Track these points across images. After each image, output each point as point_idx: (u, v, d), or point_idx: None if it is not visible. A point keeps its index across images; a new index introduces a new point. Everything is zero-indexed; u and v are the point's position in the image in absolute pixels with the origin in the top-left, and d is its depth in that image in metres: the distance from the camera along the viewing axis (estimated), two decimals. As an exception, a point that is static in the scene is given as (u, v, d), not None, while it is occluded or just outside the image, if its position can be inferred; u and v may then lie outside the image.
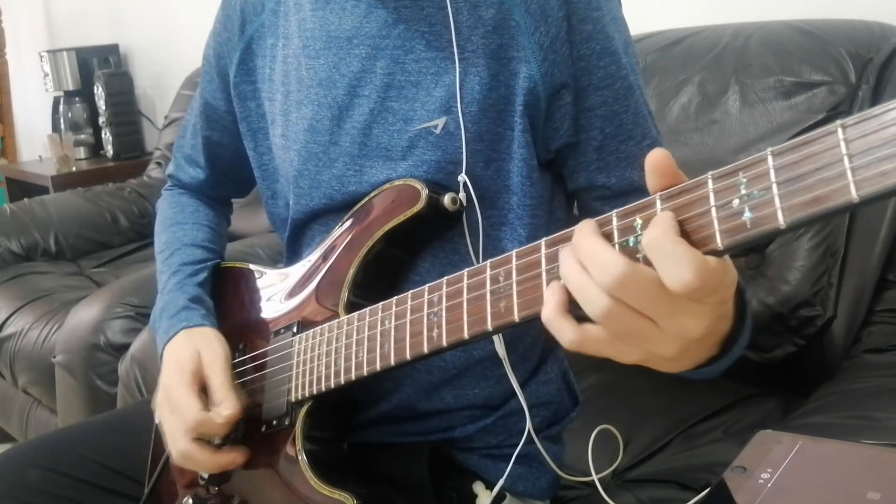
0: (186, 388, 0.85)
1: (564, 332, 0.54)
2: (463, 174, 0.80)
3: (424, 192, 0.78)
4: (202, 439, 0.85)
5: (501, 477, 0.86)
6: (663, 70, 1.49)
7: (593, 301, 0.51)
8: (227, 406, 0.84)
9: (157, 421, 0.90)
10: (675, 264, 0.48)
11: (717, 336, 0.58)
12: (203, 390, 0.86)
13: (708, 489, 0.66)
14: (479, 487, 0.86)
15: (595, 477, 0.81)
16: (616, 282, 0.50)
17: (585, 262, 0.52)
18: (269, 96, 0.93)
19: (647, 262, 0.50)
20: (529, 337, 0.89)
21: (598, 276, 0.51)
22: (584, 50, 0.78)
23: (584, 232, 0.53)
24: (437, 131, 0.80)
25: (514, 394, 0.86)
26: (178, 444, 0.85)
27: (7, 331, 2.11)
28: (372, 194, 0.83)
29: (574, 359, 1.01)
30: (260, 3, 0.94)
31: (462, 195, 0.80)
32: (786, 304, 1.28)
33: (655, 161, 0.52)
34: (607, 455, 1.11)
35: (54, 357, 1.89)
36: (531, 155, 0.81)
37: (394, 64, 0.82)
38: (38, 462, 1.00)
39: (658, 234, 0.49)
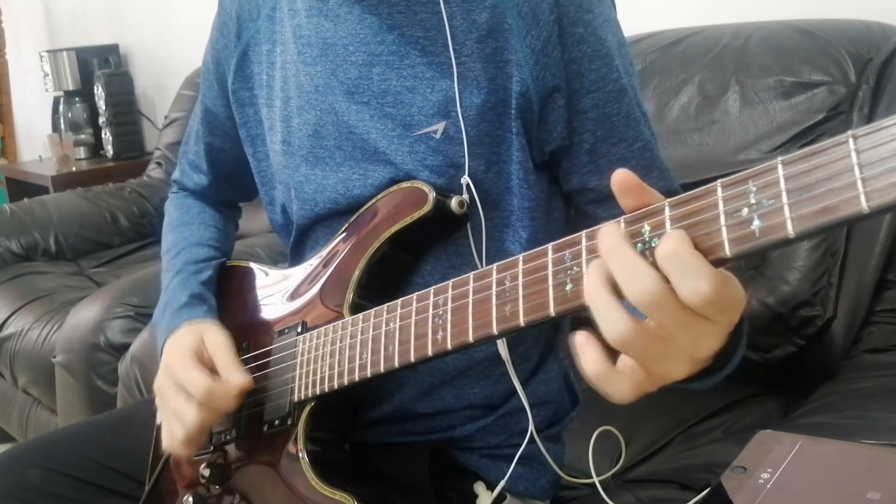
0: (191, 362, 0.84)
1: (616, 382, 0.53)
2: (466, 176, 0.80)
3: (432, 195, 0.78)
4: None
5: (502, 477, 0.86)
6: (663, 70, 1.49)
7: (613, 324, 0.51)
8: (237, 377, 0.83)
9: (157, 405, 0.89)
10: (694, 277, 0.48)
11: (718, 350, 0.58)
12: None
13: (708, 489, 0.66)
14: (480, 488, 0.86)
15: (596, 479, 0.81)
16: (648, 298, 0.49)
17: (618, 270, 0.51)
18: (266, 102, 0.93)
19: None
20: (530, 336, 0.89)
21: (630, 288, 0.50)
22: (576, 53, 0.78)
23: (615, 240, 0.51)
24: (437, 136, 0.80)
25: (515, 393, 0.86)
26: (187, 418, 0.82)
27: (7, 331, 2.11)
28: (379, 196, 0.83)
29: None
30: (255, 9, 0.93)
31: (466, 196, 0.80)
32: (786, 304, 1.28)
33: (620, 182, 0.52)
34: (608, 455, 1.11)
35: (54, 357, 1.89)
36: (527, 157, 0.81)
37: (389, 70, 0.82)
38: (38, 462, 1.00)
39: (675, 246, 0.48)
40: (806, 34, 1.37)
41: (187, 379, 0.83)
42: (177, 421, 0.84)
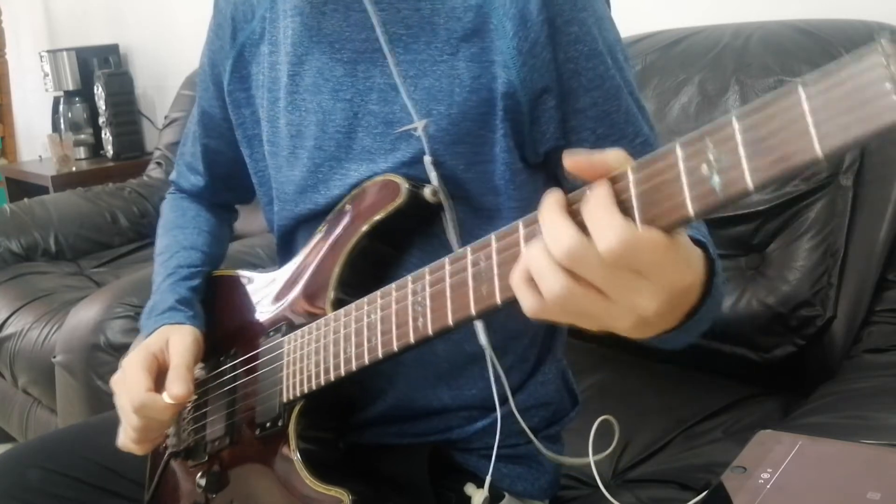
0: (141, 366, 0.86)
1: (526, 300, 0.55)
2: (427, 156, 0.79)
3: (405, 186, 0.78)
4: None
5: (502, 478, 0.86)
6: (663, 70, 1.49)
7: (549, 283, 0.52)
8: (175, 387, 0.84)
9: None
10: (603, 229, 0.50)
11: (679, 311, 0.58)
12: (162, 375, 0.86)
13: (708, 489, 0.66)
14: (471, 489, 0.86)
15: (592, 459, 0.80)
16: (566, 253, 0.51)
17: (543, 232, 0.53)
18: (262, 103, 0.93)
19: None
20: (527, 337, 0.89)
21: (551, 247, 0.52)
22: (572, 52, 0.77)
23: (545, 204, 0.54)
24: (418, 133, 0.80)
25: (513, 394, 0.85)
26: (129, 421, 0.85)
27: (7, 331, 2.11)
28: (353, 192, 0.83)
29: (574, 359, 1.01)
30: (250, 10, 0.94)
31: (436, 183, 0.79)
32: (786, 304, 1.28)
33: (572, 168, 0.52)
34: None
35: (54, 357, 1.89)
36: (514, 159, 0.81)
37: (374, 67, 0.82)
38: (38, 462, 1.00)
39: (591, 202, 0.50)
40: (806, 34, 1.37)
41: (130, 384, 0.85)
42: (124, 420, 0.86)
